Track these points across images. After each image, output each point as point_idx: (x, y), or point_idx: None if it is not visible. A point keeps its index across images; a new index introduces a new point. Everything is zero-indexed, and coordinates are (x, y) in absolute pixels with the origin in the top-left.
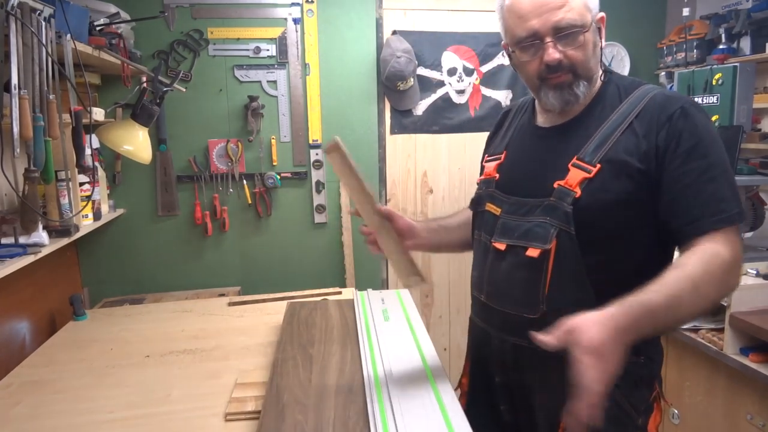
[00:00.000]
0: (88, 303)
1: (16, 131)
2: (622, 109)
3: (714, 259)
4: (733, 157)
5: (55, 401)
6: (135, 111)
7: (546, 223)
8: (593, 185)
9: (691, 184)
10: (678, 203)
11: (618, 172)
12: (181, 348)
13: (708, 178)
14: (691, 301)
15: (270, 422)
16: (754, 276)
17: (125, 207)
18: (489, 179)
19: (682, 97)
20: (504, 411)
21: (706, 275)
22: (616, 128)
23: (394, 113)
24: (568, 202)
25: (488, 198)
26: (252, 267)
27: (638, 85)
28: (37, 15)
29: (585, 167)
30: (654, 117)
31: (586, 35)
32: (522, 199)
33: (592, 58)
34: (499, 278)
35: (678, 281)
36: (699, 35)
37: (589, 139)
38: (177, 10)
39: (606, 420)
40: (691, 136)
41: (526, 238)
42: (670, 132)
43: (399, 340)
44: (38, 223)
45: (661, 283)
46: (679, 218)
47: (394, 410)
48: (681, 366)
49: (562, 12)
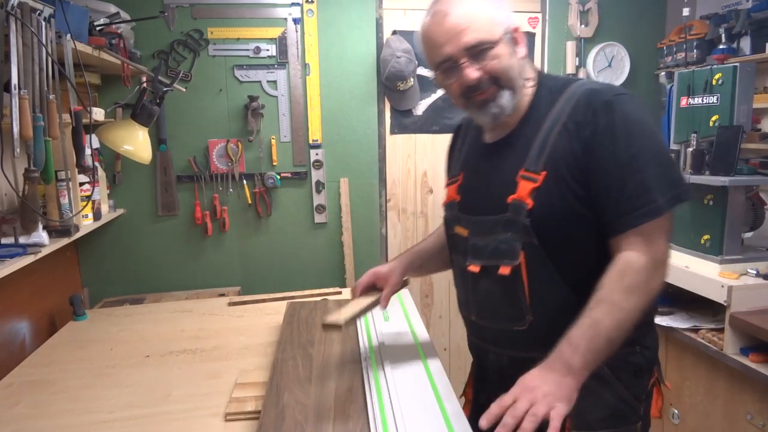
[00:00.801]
0: (88, 303)
1: (16, 131)
2: (554, 111)
3: (628, 271)
4: (733, 157)
5: (55, 401)
6: (135, 111)
7: (509, 238)
8: (541, 193)
9: (617, 177)
10: (606, 198)
11: (560, 174)
12: (181, 348)
13: (633, 170)
14: (616, 318)
15: (270, 422)
16: (754, 276)
17: (125, 207)
18: (452, 202)
19: (608, 89)
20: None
21: (622, 292)
22: (551, 132)
23: (394, 113)
24: (523, 214)
25: (455, 221)
26: (252, 267)
27: (568, 84)
28: (37, 15)
29: (531, 177)
30: (582, 114)
31: (496, 49)
32: (483, 218)
33: (511, 68)
34: (482, 298)
35: (597, 309)
36: (699, 35)
37: (530, 148)
38: (177, 10)
39: (610, 415)
40: (615, 129)
41: (495, 258)
42: (596, 128)
43: (399, 340)
44: (38, 223)
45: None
46: (608, 213)
47: (394, 410)
48: (681, 366)
49: (470, 33)
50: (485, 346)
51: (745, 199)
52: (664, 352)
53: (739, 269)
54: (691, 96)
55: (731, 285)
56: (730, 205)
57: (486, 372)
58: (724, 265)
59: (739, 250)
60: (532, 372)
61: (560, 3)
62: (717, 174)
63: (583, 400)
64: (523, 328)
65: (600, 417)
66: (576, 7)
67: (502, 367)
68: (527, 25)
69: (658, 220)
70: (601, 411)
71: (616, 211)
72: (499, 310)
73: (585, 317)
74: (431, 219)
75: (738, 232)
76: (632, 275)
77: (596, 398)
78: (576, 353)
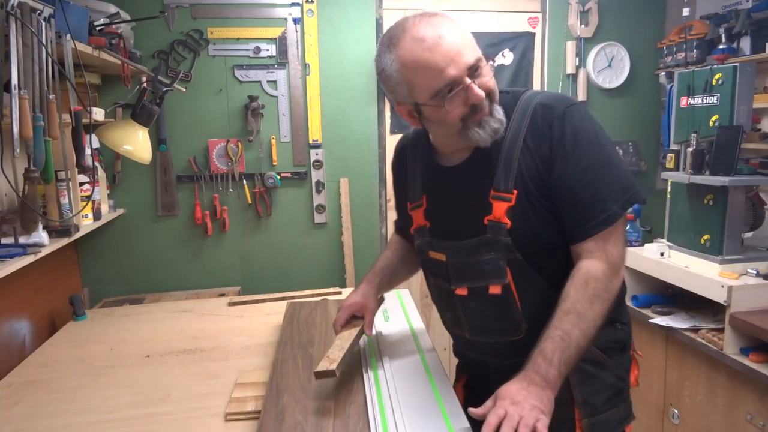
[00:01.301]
0: (88, 303)
1: (16, 131)
2: (511, 129)
3: (590, 280)
4: (733, 157)
5: (55, 401)
6: (135, 111)
7: (493, 258)
8: (517, 211)
9: (571, 190)
10: (564, 209)
11: (530, 192)
12: (180, 348)
13: (585, 183)
14: (583, 328)
15: (270, 422)
16: (755, 276)
17: (125, 207)
18: (422, 228)
19: (558, 102)
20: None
21: (587, 302)
22: (513, 151)
23: (394, 113)
24: (503, 234)
25: (428, 246)
26: (252, 267)
27: (518, 94)
28: (37, 15)
29: (503, 197)
30: (539, 129)
31: (486, 66)
32: (460, 242)
33: (495, 83)
34: (474, 317)
35: (564, 321)
36: (699, 35)
37: (496, 168)
38: (177, 10)
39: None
40: (566, 144)
41: (483, 278)
42: (551, 143)
43: (399, 340)
44: (38, 223)
45: (549, 328)
46: (567, 223)
47: (394, 410)
48: (681, 366)
49: (466, 53)
50: (484, 358)
51: (745, 199)
52: (664, 352)
53: (739, 269)
54: (691, 96)
55: (731, 285)
56: (730, 205)
57: (486, 380)
58: (724, 265)
59: (739, 250)
60: (514, 384)
61: (560, 3)
62: (717, 174)
63: (588, 387)
64: (520, 336)
65: (604, 399)
66: (576, 7)
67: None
68: (527, 25)
69: (614, 226)
70: (604, 393)
71: (573, 222)
72: (494, 326)
73: (555, 329)
74: None
75: (738, 232)
76: (594, 284)
77: (598, 382)
78: (551, 366)
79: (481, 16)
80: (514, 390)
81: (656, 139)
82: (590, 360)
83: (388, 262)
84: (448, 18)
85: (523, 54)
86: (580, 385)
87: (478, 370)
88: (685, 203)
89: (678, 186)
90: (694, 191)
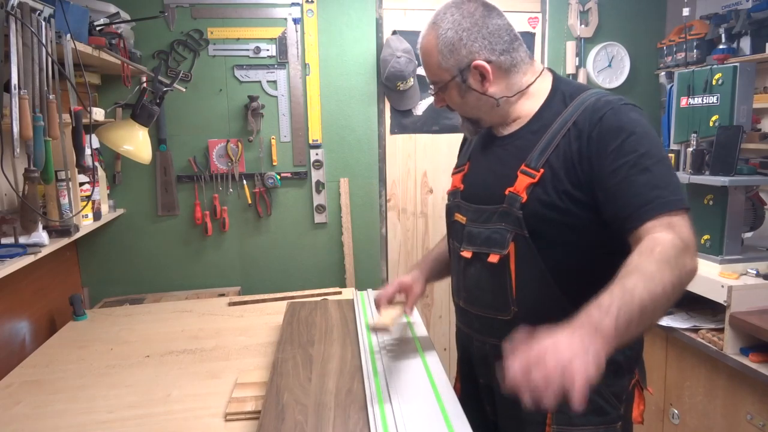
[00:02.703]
0: (88, 303)
1: (16, 131)
2: (564, 115)
3: (655, 247)
4: (733, 157)
5: (55, 401)
6: (135, 111)
7: (502, 228)
8: (537, 189)
9: (623, 179)
10: (615, 200)
11: (558, 175)
12: (181, 348)
13: (639, 170)
14: (650, 288)
15: (270, 422)
16: (754, 276)
17: (125, 207)
18: (455, 190)
19: (615, 99)
20: (489, 412)
21: (655, 263)
22: (557, 133)
23: (394, 113)
24: (517, 207)
25: (456, 208)
26: (252, 267)
27: (581, 90)
28: (37, 15)
29: (530, 173)
30: (587, 121)
31: (447, 87)
32: (482, 207)
33: (465, 105)
34: (471, 284)
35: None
36: (699, 35)
37: (535, 146)
38: (177, 10)
39: (589, 411)
40: (620, 133)
41: (487, 245)
42: (600, 133)
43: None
44: (38, 223)
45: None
46: (618, 215)
47: (394, 410)
48: (681, 366)
49: (427, 72)
50: (470, 333)
51: (745, 199)
52: (664, 352)
53: (739, 269)
54: (691, 96)
55: (731, 285)
56: (730, 205)
57: (470, 363)
58: (724, 265)
59: (739, 250)
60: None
61: (560, 3)
62: (717, 174)
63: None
64: (508, 318)
65: (580, 412)
66: (576, 7)
67: (486, 355)
68: (527, 25)
69: (673, 213)
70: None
71: (625, 211)
72: (486, 297)
73: (614, 286)
74: (431, 219)
75: (738, 232)
76: (661, 249)
77: None
78: (607, 316)
79: None
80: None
81: None
82: None
83: (441, 250)
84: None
85: None
86: None
87: (465, 346)
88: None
89: None
90: (694, 191)
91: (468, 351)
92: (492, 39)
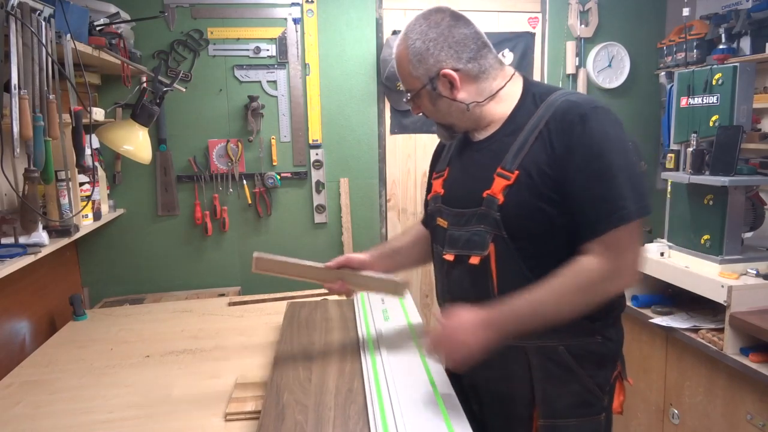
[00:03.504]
0: (88, 303)
1: (16, 131)
2: (535, 116)
3: (582, 272)
4: (733, 157)
5: (55, 401)
6: (135, 111)
7: (482, 230)
8: (513, 190)
9: (585, 187)
10: (578, 206)
11: (531, 176)
12: (181, 348)
13: (601, 181)
14: (554, 307)
15: (270, 422)
16: (754, 276)
17: (125, 207)
18: (436, 195)
19: (585, 102)
20: (476, 411)
21: (572, 286)
22: (530, 135)
23: (394, 113)
24: (494, 209)
25: (437, 213)
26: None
27: (551, 91)
28: (37, 15)
29: (506, 175)
30: (558, 124)
31: (419, 95)
32: (461, 211)
33: (437, 112)
34: (455, 286)
35: (544, 291)
36: (699, 35)
37: (509, 149)
38: (177, 10)
39: (576, 403)
40: (587, 141)
41: (467, 248)
42: (569, 138)
43: (399, 340)
44: (38, 223)
45: (530, 291)
46: (579, 220)
47: (394, 410)
48: (681, 366)
49: (401, 80)
50: None
51: (745, 199)
52: (664, 352)
53: (739, 269)
54: (691, 96)
55: (731, 285)
56: (730, 205)
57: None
58: (724, 265)
59: (739, 250)
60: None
61: (560, 3)
62: (717, 174)
63: (551, 388)
64: None
65: (566, 404)
66: (576, 7)
67: None
68: (527, 25)
69: (628, 227)
70: (566, 398)
71: (584, 218)
72: (469, 298)
73: (531, 294)
74: None
75: (738, 232)
76: (585, 277)
77: (562, 386)
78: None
79: (481, 16)
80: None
81: (656, 139)
82: (557, 361)
83: (400, 238)
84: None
85: (523, 54)
86: (543, 384)
87: None
88: (685, 203)
89: (678, 186)
90: (694, 191)
91: None
92: (458, 48)
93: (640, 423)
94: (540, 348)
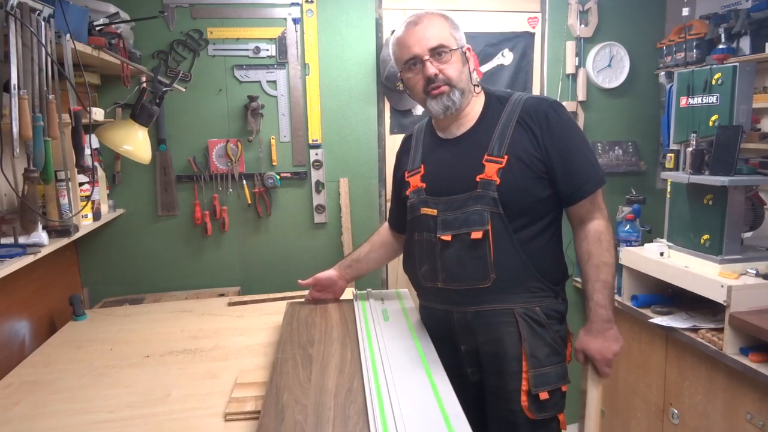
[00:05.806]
0: (87, 303)
1: (15, 131)
2: (505, 113)
3: (602, 234)
4: (733, 157)
5: (55, 401)
6: (135, 111)
7: (480, 209)
8: (506, 172)
9: (568, 159)
10: (563, 175)
11: (520, 158)
12: (180, 348)
13: (577, 153)
14: (612, 272)
15: (270, 422)
16: (754, 276)
17: (125, 207)
18: (418, 189)
19: (546, 98)
20: (470, 373)
21: (609, 249)
22: (508, 126)
23: (394, 113)
24: (492, 189)
25: (422, 204)
26: (252, 267)
27: (510, 93)
28: (36, 15)
29: (496, 160)
30: (532, 115)
31: (452, 54)
32: (452, 197)
33: (461, 74)
34: (451, 264)
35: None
36: (698, 35)
37: (491, 139)
38: (177, 10)
39: (550, 353)
40: (562, 125)
41: (467, 226)
42: (546, 124)
43: (399, 340)
44: (38, 223)
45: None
46: (566, 186)
47: (394, 410)
48: (681, 366)
49: (432, 38)
50: (448, 308)
51: (744, 199)
52: (664, 352)
53: (738, 269)
54: (690, 96)
55: (731, 285)
56: (729, 205)
57: (449, 336)
58: (724, 265)
59: (738, 250)
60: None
61: (560, 3)
62: (717, 174)
63: (534, 342)
64: (487, 285)
65: (545, 354)
66: (576, 6)
67: (468, 323)
68: (527, 25)
69: (600, 189)
70: (544, 349)
71: (572, 183)
72: (468, 271)
73: (598, 281)
74: None
75: (738, 232)
76: (604, 237)
77: (540, 339)
78: (608, 310)
79: (481, 16)
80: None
81: (656, 139)
82: (535, 320)
83: (360, 250)
84: (436, 16)
85: (522, 54)
86: (529, 340)
87: (443, 321)
88: (685, 203)
89: (678, 186)
90: (693, 191)
91: (446, 325)
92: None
93: (639, 423)
94: (525, 310)
